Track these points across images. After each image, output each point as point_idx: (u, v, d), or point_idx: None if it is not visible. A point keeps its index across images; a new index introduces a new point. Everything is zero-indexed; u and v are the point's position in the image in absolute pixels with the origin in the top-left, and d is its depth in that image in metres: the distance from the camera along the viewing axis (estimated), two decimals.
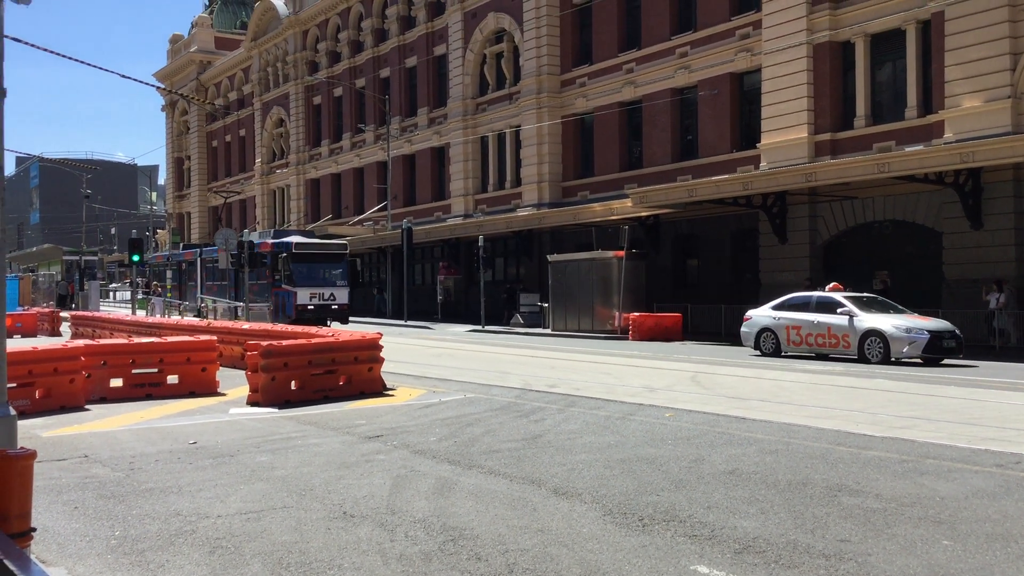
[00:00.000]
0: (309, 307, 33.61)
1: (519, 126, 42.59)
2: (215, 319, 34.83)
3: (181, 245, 46.35)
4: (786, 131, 30.13)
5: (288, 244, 34.31)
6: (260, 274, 35.04)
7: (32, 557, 5.63)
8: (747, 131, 32.93)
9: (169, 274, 48.25)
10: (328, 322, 33.76)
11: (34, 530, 5.48)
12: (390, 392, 14.99)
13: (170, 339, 16.19)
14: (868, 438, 10.13)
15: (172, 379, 15.14)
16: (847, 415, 11.96)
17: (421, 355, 23.04)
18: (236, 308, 36.59)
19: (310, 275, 34.21)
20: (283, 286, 34.10)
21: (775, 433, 10.52)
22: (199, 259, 42.19)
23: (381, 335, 16.03)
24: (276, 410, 13.10)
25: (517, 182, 43.18)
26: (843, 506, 7.16)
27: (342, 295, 34.88)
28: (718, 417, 11.85)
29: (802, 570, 5.65)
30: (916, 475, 8.19)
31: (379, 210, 50.80)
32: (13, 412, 5.64)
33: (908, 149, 25.37)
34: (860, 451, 9.35)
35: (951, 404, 13.02)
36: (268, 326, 22.13)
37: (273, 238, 36.06)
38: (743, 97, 33.47)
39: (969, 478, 8.06)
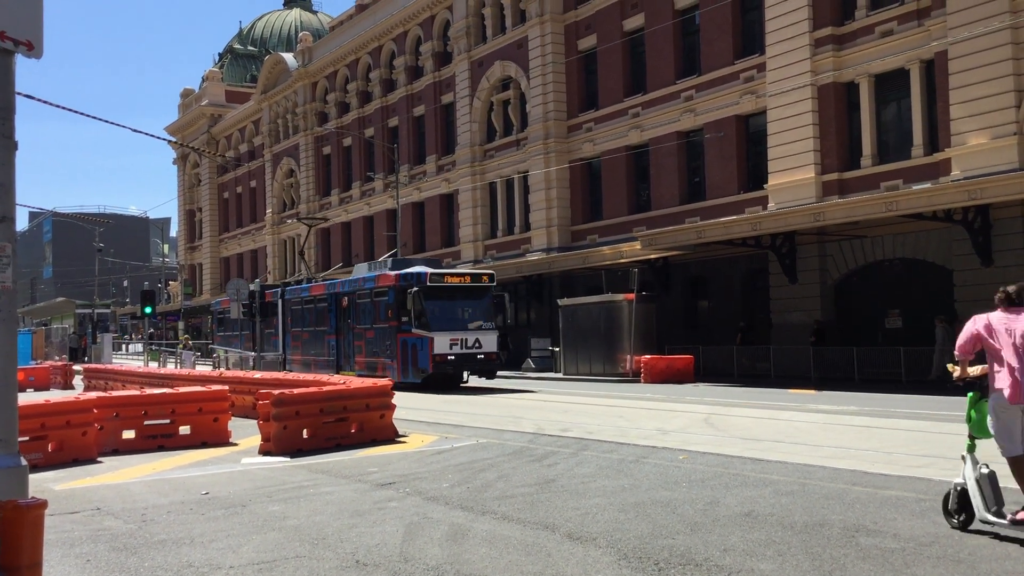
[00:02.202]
0: (449, 357, 26.36)
1: (527, 171, 42.85)
2: (290, 372, 30.34)
3: (256, 286, 40.36)
4: (793, 171, 30.23)
5: (420, 276, 27.17)
6: (375, 316, 28.63)
7: None
8: (754, 172, 33.05)
9: (235, 324, 41.31)
10: (465, 377, 28.06)
11: None
12: (402, 439, 14.94)
13: (182, 390, 16.19)
14: (885, 477, 10.03)
15: (184, 430, 15.12)
16: (862, 455, 11.86)
17: (433, 402, 22.98)
18: (336, 360, 31.41)
19: (448, 315, 27.24)
20: (413, 331, 26.82)
21: (790, 474, 10.43)
22: (280, 300, 35.72)
23: (393, 382, 16.01)
24: (288, 459, 13.06)
25: (526, 227, 43.34)
26: (861, 547, 7.07)
27: (489, 341, 27.41)
28: (732, 459, 11.76)
29: None
30: (934, 514, 8.10)
31: (389, 257, 50.93)
32: (24, 462, 5.64)
33: (915, 187, 25.40)
34: (877, 491, 9.26)
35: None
36: (279, 375, 22.12)
37: (392, 268, 29.04)
38: (749, 139, 33.65)
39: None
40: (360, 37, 56.12)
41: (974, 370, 7.58)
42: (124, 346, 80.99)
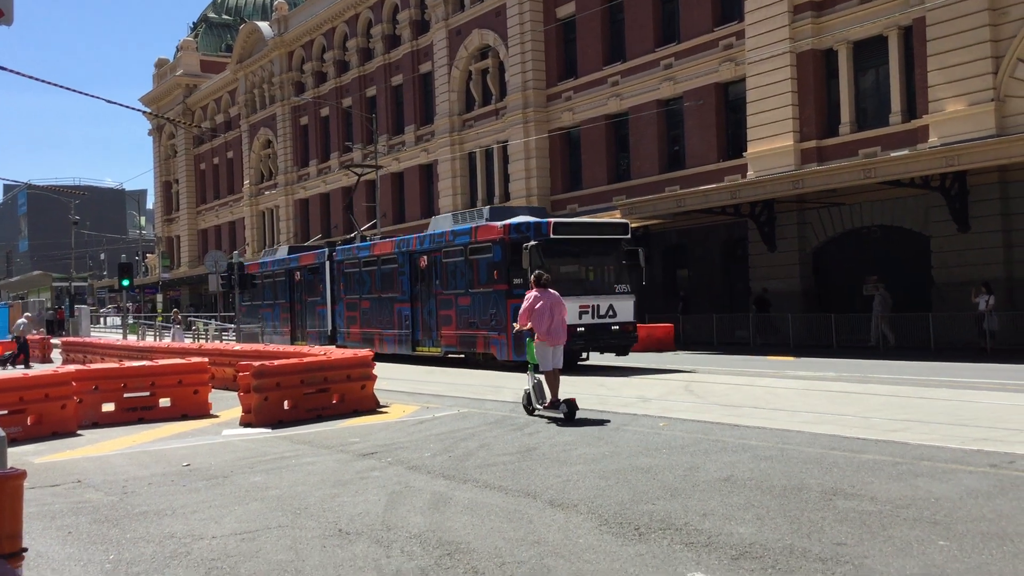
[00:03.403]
0: (579, 329, 20.42)
1: (506, 141, 42.69)
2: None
3: (286, 248, 35.19)
4: (772, 139, 30.26)
5: (541, 226, 21.16)
6: (472, 278, 22.89)
7: (23, 574, 5.60)
8: (734, 140, 33.06)
9: (268, 290, 35.26)
10: (584, 354, 22.18)
11: (25, 550, 5.45)
12: (383, 409, 14.95)
13: (161, 362, 16.13)
14: (862, 442, 10.13)
15: (164, 402, 15.08)
16: (840, 419, 11.97)
17: (414, 373, 23.02)
18: (412, 334, 25.63)
19: (575, 276, 21.96)
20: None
21: (769, 439, 10.52)
22: (328, 262, 30.40)
23: (373, 352, 16.00)
24: (269, 430, 13.06)
25: (506, 197, 43.23)
26: (838, 510, 7.16)
27: (624, 309, 21.80)
28: (712, 425, 11.85)
29: (799, 574, 5.64)
30: (911, 477, 8.20)
31: (369, 228, 50.77)
32: (3, 434, 5.62)
33: (893, 154, 25.49)
34: (854, 455, 9.36)
35: (943, 406, 13.05)
36: (260, 346, 22.05)
37: (492, 218, 23.11)
38: (728, 107, 33.62)
39: (963, 479, 8.07)
40: (336, 5, 55.53)
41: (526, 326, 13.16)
42: (103, 319, 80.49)
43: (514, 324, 15.26)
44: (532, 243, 20.42)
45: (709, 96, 33.63)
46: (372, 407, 14.93)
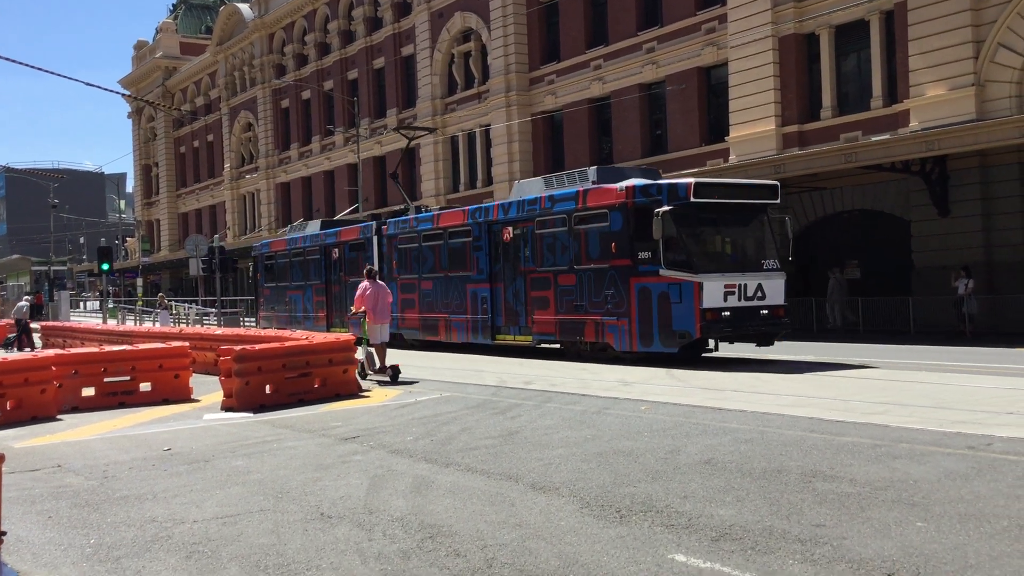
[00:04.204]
0: (724, 313, 17.10)
1: (489, 125, 42.59)
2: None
3: (318, 223, 31.04)
4: (754, 124, 30.32)
5: (677, 188, 17.60)
6: (579, 253, 19.14)
7: (3, 558, 5.59)
8: (715, 125, 33.10)
9: (297, 270, 30.99)
10: (712, 343, 18.72)
11: (4, 534, 5.43)
12: (365, 393, 14.95)
13: (142, 346, 16.05)
14: (841, 424, 10.21)
15: (145, 387, 15.02)
16: (820, 403, 12.05)
17: (394, 356, 22.98)
18: (491, 319, 21.86)
19: (716, 249, 18.74)
20: (663, 272, 17.34)
21: (750, 422, 10.58)
22: (376, 237, 26.39)
23: (355, 336, 15.99)
24: (251, 415, 13.03)
25: (488, 181, 43.18)
26: (818, 491, 7.21)
27: (774, 289, 18.08)
28: (693, 408, 11.90)
29: (778, 555, 5.69)
30: (889, 459, 8.27)
31: (351, 212, 50.60)
32: None
33: (874, 139, 25.59)
34: (834, 437, 9.42)
35: (922, 389, 13.15)
36: (240, 331, 21.98)
37: (601, 179, 19.53)
38: (711, 91, 33.65)
39: (941, 460, 8.14)
40: None
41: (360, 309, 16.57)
42: (83, 303, 79.99)
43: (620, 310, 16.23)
44: (665, 209, 17.03)
45: (691, 80, 33.64)
46: (354, 391, 14.93)
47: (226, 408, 13.53)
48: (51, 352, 15.71)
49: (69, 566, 6.08)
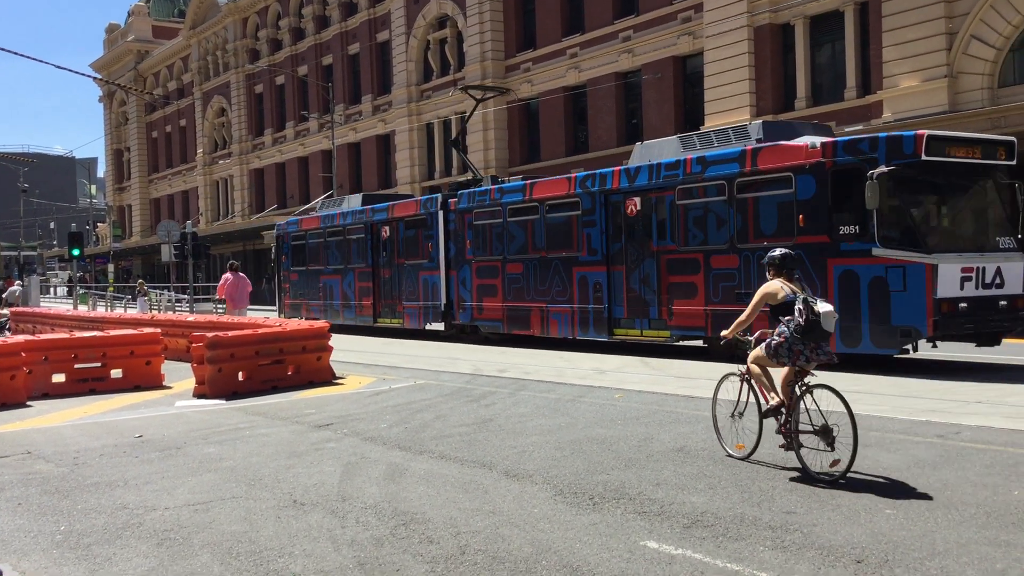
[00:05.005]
0: (961, 304, 13.39)
1: (464, 112, 42.43)
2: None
3: (359, 198, 27.70)
4: (729, 113, 30.39)
5: (901, 142, 13.63)
6: (742, 228, 15.66)
7: None
8: (691, 114, 33.17)
9: (334, 252, 27.38)
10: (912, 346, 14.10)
11: None
12: (339, 381, 14.91)
13: (113, 333, 15.91)
14: None
15: (116, 373, 14.90)
16: None
17: (371, 344, 22.95)
18: (607, 309, 18.10)
19: (946, 224, 14.89)
20: (876, 252, 13.70)
21: None
22: (441, 213, 22.90)
23: (329, 324, 15.94)
24: (223, 402, 12.96)
25: (464, 168, 43.02)
26: (789, 479, 7.28)
27: (1014, 275, 14.06)
28: (666, 397, 11.97)
29: (749, 542, 5.74)
30: (860, 447, 8.33)
31: (325, 199, 50.33)
32: None
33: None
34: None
35: (892, 378, 13.27)
36: (213, 317, 21.84)
37: (768, 136, 15.97)
38: (686, 80, 33.71)
39: (911, 448, 8.24)
40: None
41: (222, 296, 19.30)
42: (53, 289, 79.17)
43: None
44: (885, 169, 13.26)
45: (667, 69, 33.67)
46: (328, 378, 14.89)
47: (198, 395, 13.45)
48: (21, 338, 15.54)
49: (39, 553, 6.03)
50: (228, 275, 21.68)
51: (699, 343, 17.34)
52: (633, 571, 5.29)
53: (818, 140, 14.65)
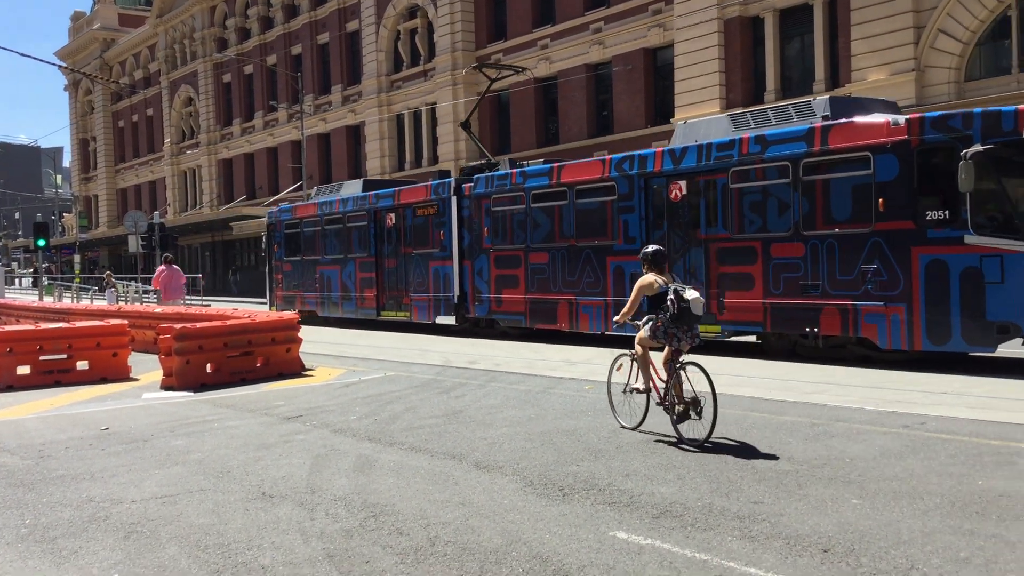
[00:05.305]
0: None
1: (435, 103, 42.32)
2: None
3: (359, 183, 26.35)
4: (699, 106, 30.50)
5: (1000, 118, 12.55)
6: (808, 213, 14.37)
7: None
8: (661, 106, 33.27)
9: (333, 241, 25.87)
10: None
11: None
12: (309, 372, 14.84)
13: (79, 324, 15.73)
14: (781, 403, 10.39)
15: (82, 365, 14.74)
16: (760, 382, 12.24)
17: (340, 336, 22.85)
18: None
19: None
20: (971, 240, 12.58)
21: None
22: (455, 199, 21.50)
23: (299, 315, 15.85)
24: (191, 394, 12.86)
25: (434, 159, 42.95)
26: (757, 469, 7.34)
27: None
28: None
29: (717, 532, 5.78)
30: (826, 438, 8.44)
31: (295, 190, 50.06)
32: None
33: None
34: (773, 416, 9.59)
35: (858, 370, 13.40)
36: (181, 309, 21.67)
37: (839, 113, 14.67)
38: (657, 72, 33.79)
39: (877, 439, 8.32)
40: None
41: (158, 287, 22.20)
42: (18, 280, 78.13)
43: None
44: (979, 148, 12.27)
45: (638, 61, 33.74)
46: (297, 370, 14.81)
47: (166, 387, 13.33)
48: None
49: (4, 547, 5.96)
50: (163, 267, 23.74)
51: (752, 339, 16.28)
52: (602, 561, 5.31)
53: (902, 117, 13.42)
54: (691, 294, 8.39)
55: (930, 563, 5.11)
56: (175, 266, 24.39)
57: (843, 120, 14.09)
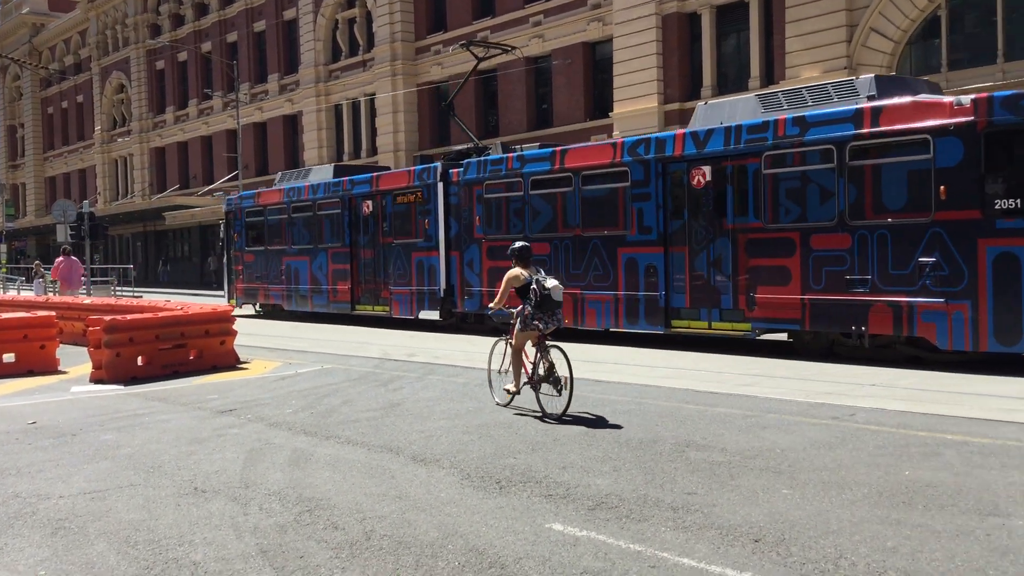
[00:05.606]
0: None
1: (374, 94, 42.00)
2: None
3: (330, 169, 24.74)
4: (637, 100, 30.74)
5: None
6: (857, 201, 13.25)
7: None
8: (600, 100, 33.45)
9: (301, 230, 24.20)
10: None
11: None
12: (244, 365, 14.65)
13: (4, 316, 15.32)
14: (715, 396, 10.53)
15: (8, 358, 14.37)
16: (696, 375, 12.39)
17: (278, 328, 22.58)
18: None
19: None
20: None
21: (628, 394, 10.80)
22: (442, 185, 20.07)
23: (233, 307, 15.62)
24: (122, 387, 12.61)
25: (373, 151, 42.64)
26: (690, 461, 7.43)
27: None
28: (575, 381, 12.05)
29: (652, 523, 5.84)
30: (758, 429, 8.57)
31: (230, 180, 49.32)
32: None
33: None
34: (707, 408, 9.71)
35: (788, 362, 13.62)
36: (111, 300, 21.22)
37: (885, 92, 13.54)
38: (596, 67, 33.95)
39: (807, 430, 8.48)
40: None
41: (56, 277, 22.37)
42: None
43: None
44: None
45: (577, 55, 33.86)
46: (232, 363, 14.61)
47: (95, 380, 13.06)
48: None
49: None
50: (61, 259, 24.57)
51: (783, 336, 15.02)
52: (538, 553, 5.33)
53: (966, 97, 12.31)
54: (551, 283, 9.56)
55: (858, 552, 5.23)
56: (74, 257, 25.14)
57: (896, 100, 12.95)
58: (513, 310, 10.01)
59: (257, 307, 26.84)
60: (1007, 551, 5.18)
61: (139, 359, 13.49)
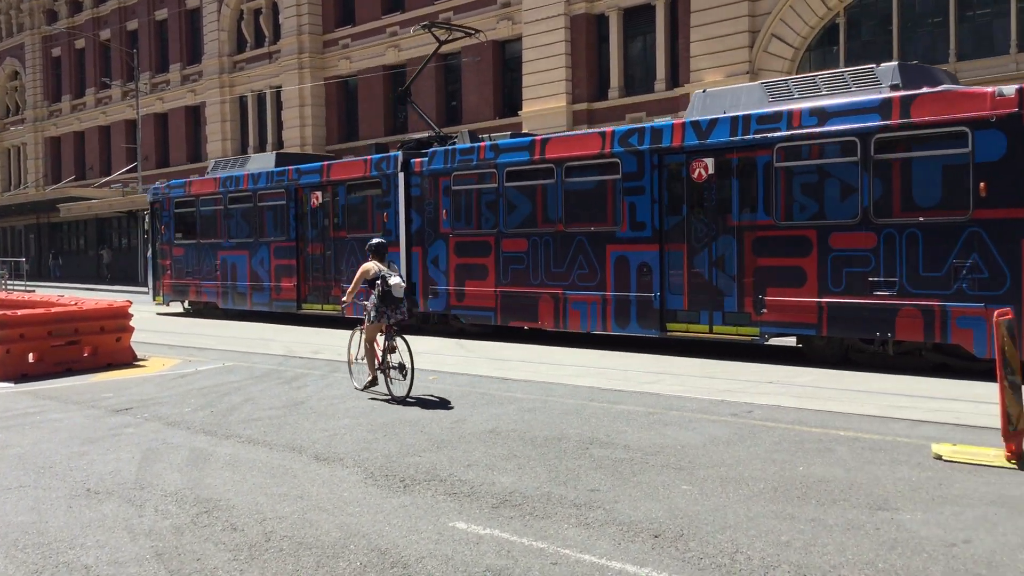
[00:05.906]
0: None
1: (280, 87, 41.33)
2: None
3: (271, 157, 22.86)
4: (546, 99, 30.95)
5: None
6: (884, 197, 12.28)
7: None
8: (509, 99, 33.56)
9: (240, 222, 22.45)
10: None
11: None
12: (141, 363, 14.26)
13: None
14: (619, 393, 10.66)
15: None
16: (601, 372, 12.53)
17: (179, 325, 22.04)
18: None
19: None
20: None
21: (533, 392, 10.87)
22: (403, 174, 18.59)
23: (131, 303, 15.19)
24: (11, 385, 12.16)
25: (279, 144, 41.93)
26: (594, 458, 7.51)
27: None
28: (480, 378, 12.09)
29: (555, 520, 5.88)
30: (660, 426, 8.71)
31: (128, 171, 47.94)
32: None
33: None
34: (611, 405, 9.83)
35: (692, 360, 13.88)
36: (3, 295, 20.42)
37: (911, 82, 12.68)
38: (505, 65, 34.05)
39: (707, 427, 8.65)
40: None
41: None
42: None
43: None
44: None
45: (486, 53, 33.88)
46: (129, 360, 14.21)
47: None
48: None
49: None
50: None
51: (791, 340, 14.10)
52: (441, 552, 5.32)
53: (1009, 87, 11.44)
54: (394, 280, 10.55)
55: (754, 547, 5.35)
56: None
57: (928, 89, 12.03)
58: (367, 302, 10.92)
59: (187, 304, 24.89)
60: (895, 544, 5.38)
61: (31, 356, 13.03)
